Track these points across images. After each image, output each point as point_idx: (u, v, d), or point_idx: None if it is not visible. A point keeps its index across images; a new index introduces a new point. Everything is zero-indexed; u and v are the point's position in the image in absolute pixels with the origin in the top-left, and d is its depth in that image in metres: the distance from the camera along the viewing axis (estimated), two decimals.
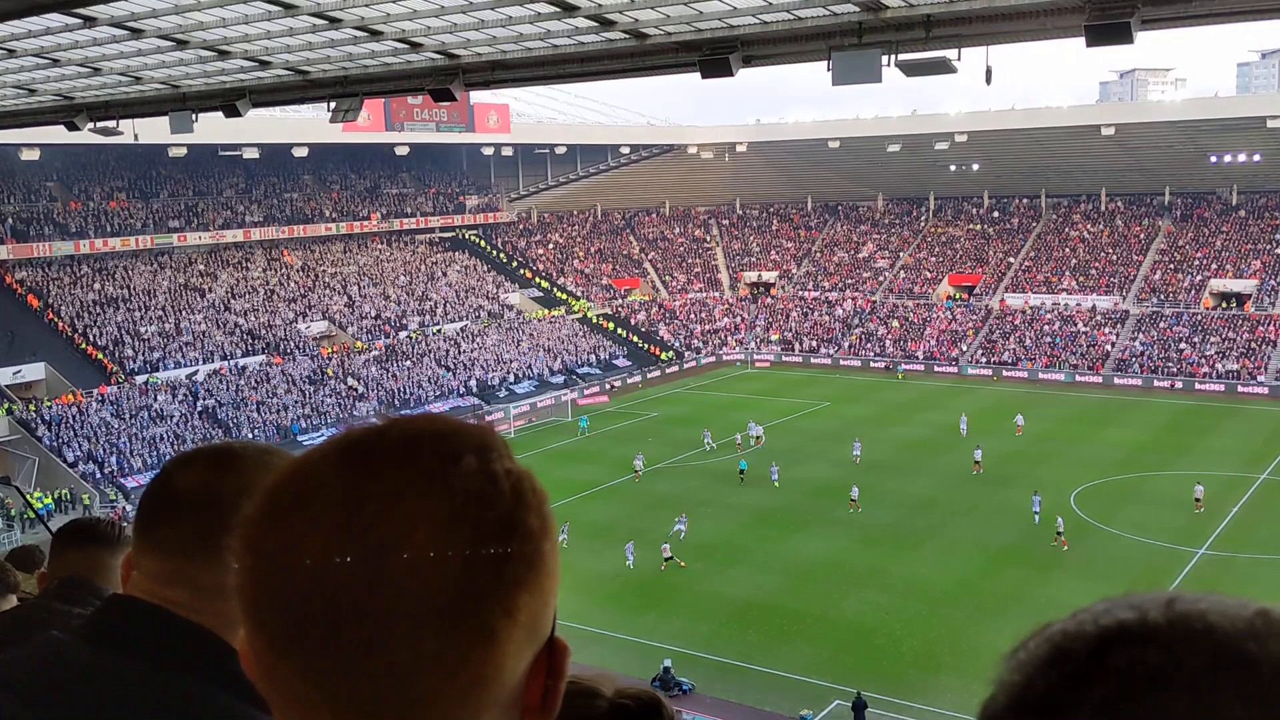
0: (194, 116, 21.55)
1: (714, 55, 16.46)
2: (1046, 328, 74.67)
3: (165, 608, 1.54)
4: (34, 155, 60.18)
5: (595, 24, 16.94)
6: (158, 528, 1.60)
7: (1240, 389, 63.75)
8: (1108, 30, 13.55)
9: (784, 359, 78.83)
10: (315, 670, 0.91)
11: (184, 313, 64.63)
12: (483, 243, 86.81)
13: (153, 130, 27.13)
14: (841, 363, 76.64)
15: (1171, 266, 77.30)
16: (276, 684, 0.94)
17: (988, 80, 17.04)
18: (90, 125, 23.53)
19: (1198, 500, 40.79)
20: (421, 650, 0.90)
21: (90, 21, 17.21)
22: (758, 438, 53.72)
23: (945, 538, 39.53)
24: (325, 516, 0.92)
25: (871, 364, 75.56)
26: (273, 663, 0.93)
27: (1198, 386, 64.94)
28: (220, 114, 21.28)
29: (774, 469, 47.12)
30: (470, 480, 0.95)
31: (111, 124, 23.83)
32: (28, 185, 66.33)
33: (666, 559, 37.37)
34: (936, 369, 73.33)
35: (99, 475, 49.52)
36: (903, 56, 15.35)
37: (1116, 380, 67.68)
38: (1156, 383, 66.28)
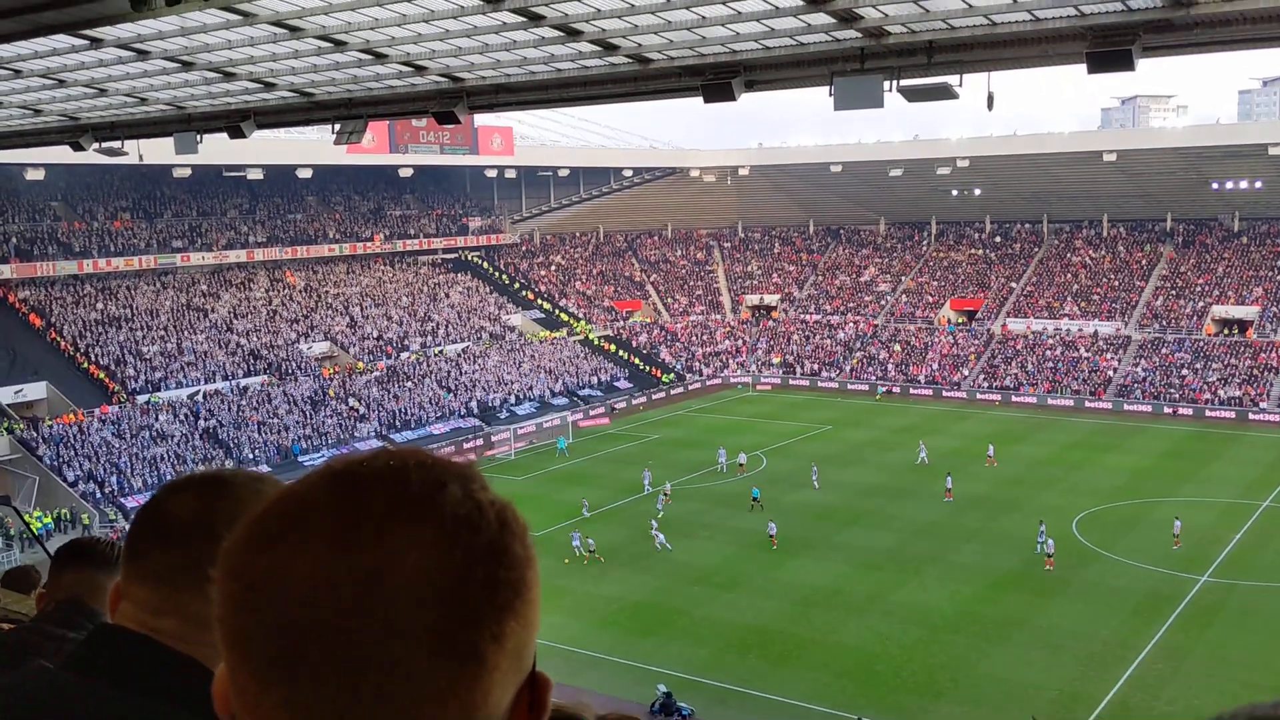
0: (199, 137, 21.67)
1: (717, 80, 16.52)
2: (1048, 353, 74.61)
3: (154, 638, 1.52)
4: (39, 175, 60.42)
5: (599, 48, 17.00)
6: (148, 556, 1.58)
7: (1251, 416, 63.55)
8: (1109, 57, 13.63)
9: (790, 382, 78.79)
10: (303, 699, 0.89)
11: (186, 332, 64.70)
12: (485, 264, 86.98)
13: (157, 151, 27.29)
14: (848, 387, 76.61)
15: (1173, 293, 77.33)
16: (260, 717, 0.92)
17: (989, 106, 17.11)
18: (95, 145, 23.65)
19: (1175, 536, 40.09)
20: (412, 675, 0.88)
21: (97, 43, 17.28)
22: (741, 465, 53.16)
23: (946, 563, 39.35)
24: (315, 542, 0.91)
25: (878, 388, 75.56)
26: (257, 695, 0.91)
27: (1208, 414, 64.73)
28: (225, 135, 21.38)
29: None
30: (458, 506, 0.94)
31: (116, 144, 23.95)
32: (32, 205, 66.58)
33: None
34: (945, 394, 73.24)
35: (99, 495, 49.44)
36: (904, 82, 15.42)
37: (1126, 407, 67.47)
38: (1166, 409, 66.20)
